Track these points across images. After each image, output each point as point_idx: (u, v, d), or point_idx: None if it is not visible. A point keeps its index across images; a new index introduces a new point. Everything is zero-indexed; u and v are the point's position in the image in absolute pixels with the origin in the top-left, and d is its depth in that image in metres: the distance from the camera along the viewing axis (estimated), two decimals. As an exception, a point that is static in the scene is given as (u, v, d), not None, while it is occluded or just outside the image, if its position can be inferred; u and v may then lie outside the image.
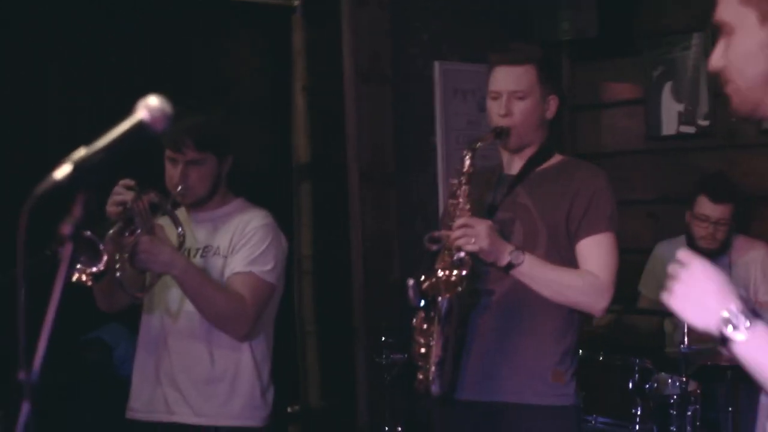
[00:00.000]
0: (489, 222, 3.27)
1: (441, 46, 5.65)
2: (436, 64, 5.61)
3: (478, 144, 3.38)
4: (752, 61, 1.91)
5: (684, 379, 4.27)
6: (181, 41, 5.11)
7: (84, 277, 3.08)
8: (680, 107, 5.84)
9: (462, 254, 3.24)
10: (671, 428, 4.36)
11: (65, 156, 1.62)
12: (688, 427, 4.29)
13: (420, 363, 3.34)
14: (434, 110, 5.61)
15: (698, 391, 4.37)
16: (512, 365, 3.36)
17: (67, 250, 1.64)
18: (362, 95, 5.29)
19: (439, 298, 3.24)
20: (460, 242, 3.23)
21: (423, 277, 3.29)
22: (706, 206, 4.98)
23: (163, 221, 3.50)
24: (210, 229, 3.60)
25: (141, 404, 3.59)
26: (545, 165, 3.49)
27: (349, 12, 5.27)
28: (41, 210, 1.58)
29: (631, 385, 4.34)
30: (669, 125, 5.90)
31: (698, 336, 4.68)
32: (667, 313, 4.95)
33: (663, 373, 4.46)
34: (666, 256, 5.20)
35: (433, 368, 3.29)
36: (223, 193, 3.63)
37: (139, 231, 3.28)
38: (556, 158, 3.53)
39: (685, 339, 4.26)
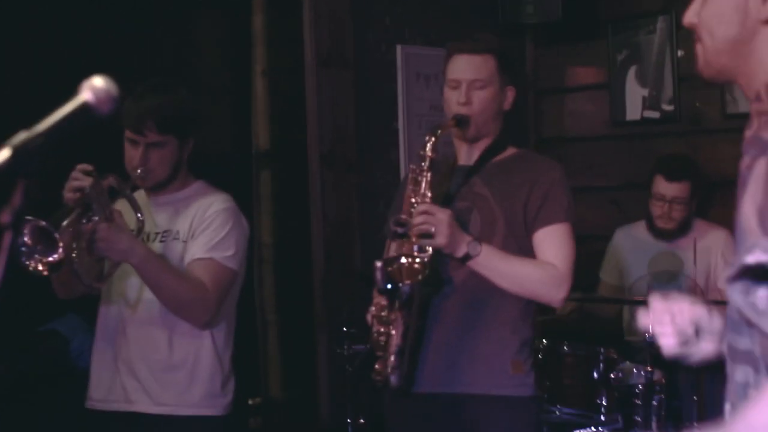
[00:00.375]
0: (449, 211, 3.23)
1: (403, 29, 5.56)
2: (399, 48, 5.52)
3: (439, 130, 3.35)
4: (724, 23, 1.85)
5: (649, 368, 4.22)
6: (140, 22, 5.01)
7: (40, 267, 3.00)
8: (645, 92, 5.78)
9: (423, 241, 3.19)
10: (636, 418, 4.30)
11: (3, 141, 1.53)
12: (654, 417, 4.24)
13: (379, 352, 3.29)
14: (396, 95, 5.52)
15: (663, 380, 4.32)
16: (472, 356, 3.32)
17: (5, 240, 1.55)
18: (323, 80, 5.20)
19: (401, 285, 3.18)
20: (420, 229, 3.18)
21: (391, 257, 3.26)
22: (660, 185, 4.97)
23: (122, 205, 3.41)
24: (170, 213, 3.51)
25: (100, 393, 3.51)
26: (501, 156, 3.47)
27: (309, -5, 5.18)
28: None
29: (595, 374, 4.28)
30: (633, 110, 5.84)
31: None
32: (626, 301, 5.03)
33: (628, 363, 4.41)
34: (627, 241, 5.16)
35: (392, 358, 3.23)
36: (183, 176, 3.55)
37: (97, 218, 3.20)
38: (512, 150, 3.52)
39: (651, 328, 4.19)
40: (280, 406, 5.33)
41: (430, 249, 3.19)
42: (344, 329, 4.55)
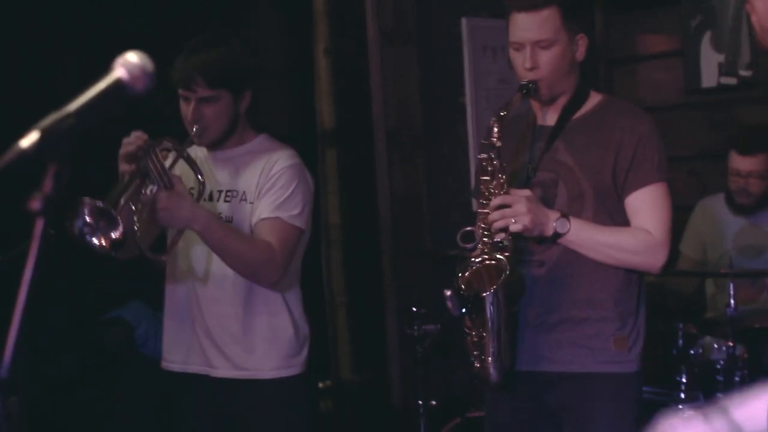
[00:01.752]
0: (527, 193, 3.03)
1: (467, 1, 5.43)
2: (464, 21, 5.40)
3: (505, 110, 3.10)
4: None
5: (731, 343, 4.07)
6: (199, 3, 4.96)
7: (104, 243, 2.95)
8: (720, 58, 5.59)
9: (502, 236, 3.02)
10: (717, 395, 4.16)
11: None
12: (736, 394, 4.08)
13: (475, 351, 3.12)
14: (462, 69, 5.39)
15: (745, 355, 4.17)
16: (571, 335, 3.15)
17: (38, 227, 1.46)
18: (387, 56, 5.10)
19: (484, 294, 3.01)
20: (500, 224, 3.01)
21: (464, 264, 3.06)
22: (735, 160, 4.79)
23: (182, 167, 3.34)
24: (232, 170, 3.43)
25: (178, 356, 3.48)
26: (582, 111, 3.22)
27: (370, -31, 5.07)
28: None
29: (675, 351, 4.14)
30: (709, 77, 5.65)
31: (745, 297, 4.55)
32: (709, 274, 4.87)
33: (708, 338, 4.26)
34: (710, 213, 4.99)
35: (489, 359, 3.09)
36: (242, 129, 3.45)
37: (155, 187, 3.13)
38: (594, 99, 3.25)
39: (731, 301, 4.05)
40: (351, 388, 5.26)
41: (509, 245, 3.01)
42: (414, 309, 4.46)
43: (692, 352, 4.16)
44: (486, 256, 3.04)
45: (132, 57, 1.52)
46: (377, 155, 5.10)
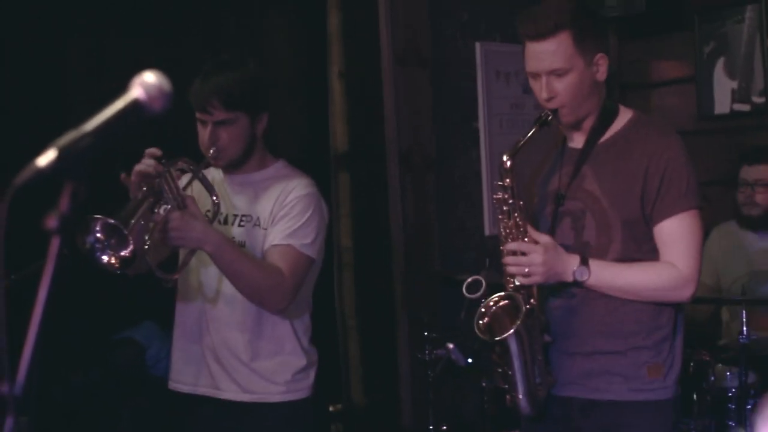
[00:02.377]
0: (546, 240, 2.97)
1: (481, 26, 5.44)
2: (477, 45, 5.41)
3: (520, 144, 3.00)
4: None
5: (744, 371, 4.04)
6: (214, 24, 4.97)
7: (113, 261, 2.95)
8: (734, 84, 5.59)
9: (519, 281, 2.99)
10: (729, 423, 4.13)
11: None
12: (748, 422, 4.06)
13: (505, 385, 3.09)
14: (476, 93, 5.40)
15: (758, 382, 4.14)
16: (604, 365, 3.09)
17: (54, 245, 1.46)
18: (400, 79, 5.10)
19: (507, 335, 2.96)
20: (512, 270, 2.97)
21: (481, 311, 3.01)
22: (743, 170, 4.84)
23: (197, 188, 3.36)
24: (250, 195, 3.43)
25: (186, 377, 3.48)
26: (611, 132, 3.11)
27: (385, -8, 5.09)
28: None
29: (686, 377, 4.11)
30: (722, 103, 5.65)
31: (758, 324, 4.52)
32: (724, 301, 4.84)
33: (720, 365, 4.23)
34: (724, 240, 4.97)
35: (520, 396, 3.06)
36: (261, 154, 3.45)
37: (168, 206, 3.13)
38: (623, 117, 3.13)
39: (744, 328, 4.02)
40: (362, 412, 5.24)
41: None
42: (425, 333, 4.44)
43: (705, 379, 4.14)
44: (497, 298, 3.00)
45: (149, 77, 1.52)
46: (390, 178, 5.10)
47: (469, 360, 3.05)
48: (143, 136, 2.30)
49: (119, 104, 1.50)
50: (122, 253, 2.94)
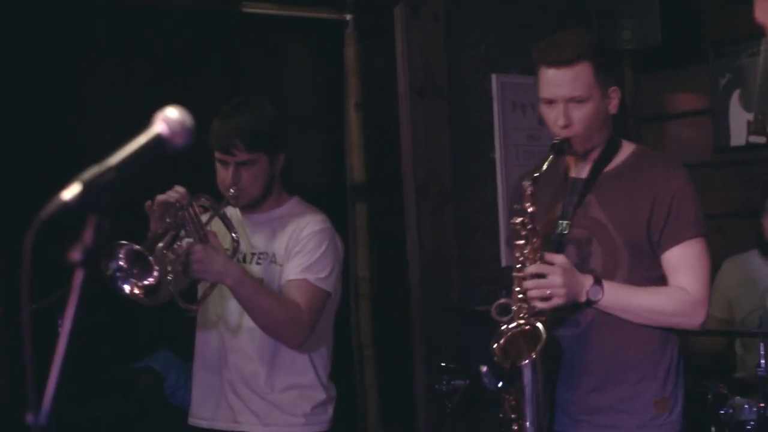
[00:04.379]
0: (562, 261, 2.96)
1: (498, 58, 5.47)
2: (494, 77, 5.44)
3: (539, 172, 2.99)
4: None
5: (762, 405, 4.02)
6: (232, 56, 5.01)
7: (137, 290, 2.99)
8: (749, 116, 5.60)
9: (538, 305, 2.97)
10: (748, 455, 4.11)
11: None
12: (767, 455, 4.05)
13: (512, 415, 3.05)
14: (492, 125, 5.42)
15: (776, 415, 4.12)
16: (609, 399, 3.08)
17: (77, 278, 1.48)
18: (417, 110, 5.13)
19: (522, 363, 2.95)
20: (534, 294, 2.95)
21: (498, 334, 3.01)
22: None
23: (216, 225, 3.39)
24: (267, 233, 3.48)
25: (206, 412, 3.51)
26: (615, 163, 3.15)
27: (402, 25, 5.12)
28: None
29: (705, 411, 4.10)
30: (738, 136, 5.66)
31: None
32: (737, 334, 4.83)
33: (738, 398, 4.22)
34: (737, 272, 4.96)
35: (527, 424, 3.01)
36: (277, 192, 3.52)
37: (191, 240, 3.17)
38: (626, 150, 3.17)
39: (762, 361, 4.01)
40: (378, 442, 5.24)
41: (546, 311, 2.98)
42: (443, 364, 4.45)
43: (722, 412, 4.11)
44: (521, 322, 2.98)
45: (172, 112, 1.54)
46: (407, 209, 5.11)
47: (500, 384, 3.02)
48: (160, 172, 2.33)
49: (142, 139, 1.53)
50: (146, 282, 2.97)
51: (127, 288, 2.97)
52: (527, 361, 2.95)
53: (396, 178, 5.16)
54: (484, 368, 2.98)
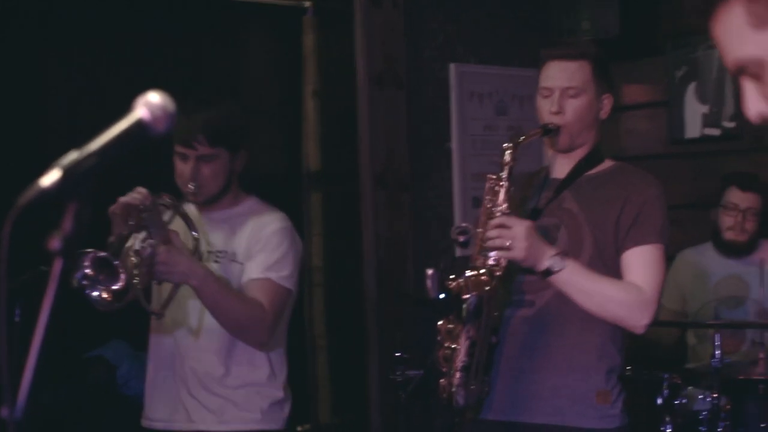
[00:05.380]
0: (529, 223, 3.04)
1: (456, 47, 5.45)
2: (452, 67, 5.41)
3: (522, 138, 3.16)
4: None
5: (716, 395, 4.06)
6: (189, 41, 4.95)
7: (105, 295, 2.94)
8: (704, 109, 5.63)
9: (495, 256, 3.03)
10: (701, 446, 4.15)
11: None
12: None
13: (444, 368, 3.11)
14: (450, 114, 5.40)
15: (728, 406, 4.16)
16: (554, 384, 3.14)
17: (56, 267, 1.44)
18: (376, 99, 5.09)
19: (466, 296, 3.01)
20: (494, 243, 3.02)
21: (451, 276, 3.06)
22: (734, 195, 4.86)
23: (177, 224, 3.34)
24: (225, 231, 3.45)
25: (160, 413, 3.47)
26: (596, 170, 3.28)
27: (362, 13, 5.08)
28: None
29: (659, 401, 4.12)
30: (693, 128, 5.70)
31: (727, 348, 4.55)
32: (689, 325, 4.87)
33: (692, 388, 4.26)
34: (691, 264, 5.00)
35: (457, 374, 3.06)
36: (235, 191, 3.48)
37: (154, 241, 3.12)
38: (608, 163, 3.32)
39: (717, 352, 4.05)
40: (330, 432, 5.21)
41: (504, 262, 3.04)
42: (397, 354, 4.43)
43: (677, 402, 4.15)
44: (475, 271, 3.04)
45: (154, 97, 1.50)
46: (363, 198, 5.08)
47: (441, 295, 3.05)
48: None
49: (123, 124, 1.48)
50: (114, 287, 2.94)
51: (96, 294, 2.94)
52: (472, 296, 2.99)
53: (352, 167, 5.13)
54: (431, 271, 3.04)
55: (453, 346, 3.07)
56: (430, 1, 5.38)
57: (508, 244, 2.99)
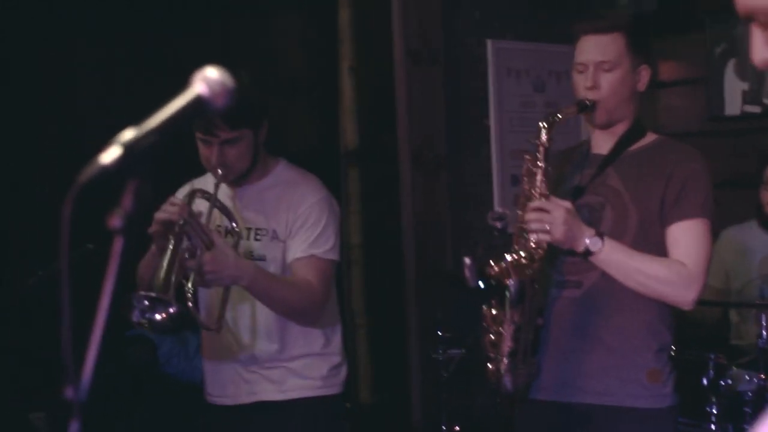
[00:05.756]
0: (566, 205, 3.00)
1: (493, 23, 5.40)
2: (489, 43, 5.37)
3: (558, 116, 3.10)
4: None
5: (762, 376, 4.01)
6: (224, 19, 4.92)
7: (165, 315, 2.98)
8: (744, 86, 5.56)
9: (536, 238, 2.99)
10: (746, 426, 4.10)
11: (101, 137, 1.40)
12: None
13: (491, 353, 3.08)
14: (487, 91, 5.36)
15: (775, 386, 4.11)
16: (602, 365, 3.09)
17: (117, 246, 1.42)
18: (412, 76, 5.06)
19: (508, 281, 2.98)
20: (533, 226, 2.98)
21: (491, 262, 3.01)
22: None
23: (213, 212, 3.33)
24: (259, 207, 3.41)
25: (219, 389, 3.50)
26: (638, 145, 3.20)
27: (398, -12, 5.04)
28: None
29: (705, 381, 4.08)
30: (732, 105, 5.63)
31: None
32: (732, 304, 4.82)
33: (737, 369, 4.20)
34: (734, 242, 4.94)
35: (504, 360, 3.04)
36: (263, 160, 3.44)
37: (198, 251, 3.09)
38: (650, 137, 3.24)
39: (764, 332, 3.99)
40: (371, 411, 5.19)
41: (544, 244, 3.00)
42: (439, 333, 4.41)
43: (722, 383, 4.10)
44: (516, 255, 3.00)
45: (212, 73, 1.47)
46: (401, 175, 5.05)
47: (480, 282, 3.02)
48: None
49: (182, 101, 1.46)
50: (171, 311, 2.96)
51: (158, 317, 2.98)
52: (514, 281, 2.97)
53: (390, 143, 5.10)
54: (468, 260, 3.01)
55: (498, 331, 3.05)
56: (467, -24, 5.33)
57: (547, 227, 2.96)
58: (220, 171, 3.27)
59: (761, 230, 4.87)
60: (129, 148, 1.38)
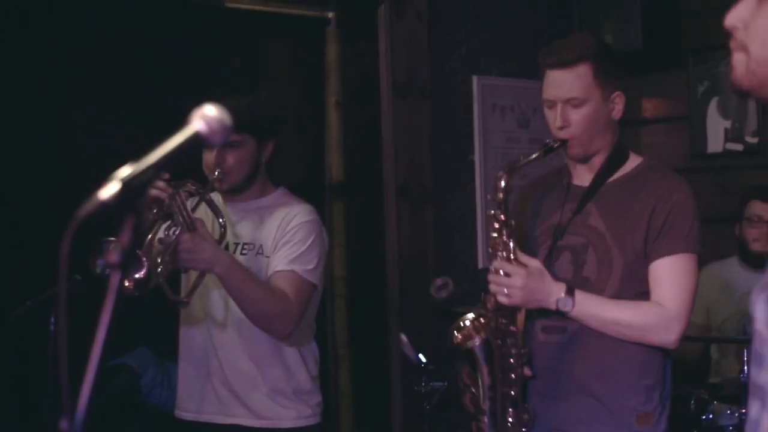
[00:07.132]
0: (533, 265, 2.95)
1: (479, 60, 5.46)
2: (475, 79, 5.42)
3: (521, 163, 3.03)
4: None
5: (744, 410, 4.04)
6: (213, 52, 4.95)
7: (128, 284, 2.93)
8: (727, 124, 5.63)
9: (499, 299, 2.97)
10: (727, 461, 4.13)
11: (98, 167, 1.43)
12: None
13: (471, 410, 3.06)
14: (472, 126, 5.40)
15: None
16: (591, 412, 3.03)
17: (114, 280, 1.44)
18: (399, 110, 5.10)
19: (472, 343, 2.98)
20: (492, 288, 2.95)
21: (454, 332, 3.04)
22: (758, 207, 4.88)
23: (202, 211, 3.36)
24: (251, 223, 3.43)
25: (190, 404, 3.48)
26: (620, 173, 3.10)
27: (385, 24, 5.10)
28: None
29: (686, 416, 4.11)
30: (715, 142, 5.69)
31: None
32: (713, 340, 4.85)
33: (719, 403, 4.24)
34: (715, 278, 4.98)
35: (485, 419, 3.02)
36: (262, 181, 3.47)
37: (178, 229, 3.12)
38: (633, 162, 3.12)
39: (746, 368, 4.03)
40: (352, 444, 5.20)
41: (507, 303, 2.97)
42: (422, 365, 4.42)
43: (703, 417, 4.14)
44: (474, 315, 3.00)
45: (210, 110, 1.51)
46: (386, 209, 5.09)
47: (421, 356, 3.03)
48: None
49: (180, 137, 1.49)
50: (136, 275, 2.93)
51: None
52: (478, 341, 2.96)
53: (375, 177, 5.13)
54: (405, 338, 2.99)
55: (474, 391, 3.03)
56: (454, 13, 5.39)
57: (505, 290, 2.92)
58: (216, 173, 3.30)
59: (742, 266, 4.92)
60: (128, 184, 1.41)
